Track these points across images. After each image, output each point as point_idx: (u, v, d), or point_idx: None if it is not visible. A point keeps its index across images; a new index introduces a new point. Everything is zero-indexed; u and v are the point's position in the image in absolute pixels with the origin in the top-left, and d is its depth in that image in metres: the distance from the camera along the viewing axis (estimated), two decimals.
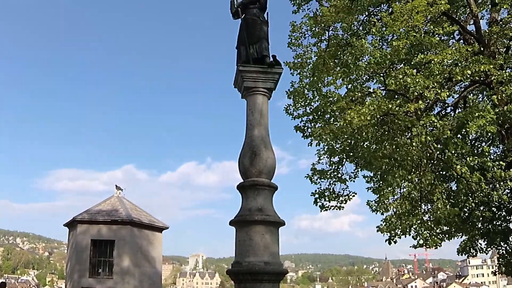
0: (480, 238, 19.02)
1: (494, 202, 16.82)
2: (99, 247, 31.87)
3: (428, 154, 15.49)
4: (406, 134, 15.66)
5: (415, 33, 15.01)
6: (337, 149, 17.93)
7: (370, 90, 17.01)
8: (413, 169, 15.90)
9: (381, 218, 17.15)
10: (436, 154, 15.54)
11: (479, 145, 19.12)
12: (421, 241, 16.93)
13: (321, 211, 18.42)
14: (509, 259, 18.66)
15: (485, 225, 18.49)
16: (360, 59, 16.29)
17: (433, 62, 14.91)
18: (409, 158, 15.16)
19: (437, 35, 16.77)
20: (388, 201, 16.98)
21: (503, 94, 15.39)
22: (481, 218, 17.75)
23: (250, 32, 11.03)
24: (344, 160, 18.23)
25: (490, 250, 19.83)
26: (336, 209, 18.32)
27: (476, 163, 15.28)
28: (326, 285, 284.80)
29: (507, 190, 16.50)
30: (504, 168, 15.25)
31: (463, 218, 17.49)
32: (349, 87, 17.31)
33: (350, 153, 17.79)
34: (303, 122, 18.52)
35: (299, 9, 19.60)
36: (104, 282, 31.51)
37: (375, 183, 18.36)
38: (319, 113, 17.84)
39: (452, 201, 17.22)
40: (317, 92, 18.07)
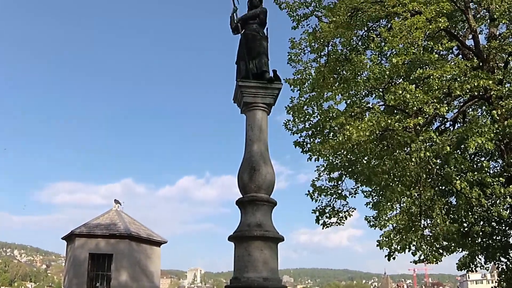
0: (480, 253, 18.97)
1: (493, 217, 16.80)
2: (97, 261, 31.65)
3: (428, 170, 15.48)
4: (405, 149, 15.66)
5: (414, 49, 15.04)
6: (336, 164, 17.94)
7: (369, 105, 17.04)
8: (413, 185, 15.89)
9: (380, 233, 17.15)
10: (435, 169, 15.53)
11: (479, 160, 19.12)
12: (421, 257, 16.89)
13: (322, 228, 18.43)
14: (509, 274, 18.60)
15: (484, 240, 18.45)
16: (359, 74, 16.32)
17: (432, 77, 14.93)
18: (408, 173, 15.15)
19: (436, 51, 16.79)
20: (387, 216, 16.96)
21: (503, 109, 15.39)
22: (481, 233, 17.71)
23: (249, 47, 11.04)
24: (344, 176, 18.24)
25: (489, 265, 19.78)
26: (337, 225, 18.32)
27: (475, 179, 15.27)
28: None
29: (507, 205, 16.46)
30: (503, 183, 15.25)
31: (463, 233, 17.47)
32: (348, 102, 17.35)
33: (350, 169, 17.80)
34: (302, 137, 18.57)
35: (299, 25, 19.67)
36: None
37: (373, 198, 18.35)
38: (318, 128, 17.87)
39: (451, 216, 17.20)
40: (317, 108, 18.11)
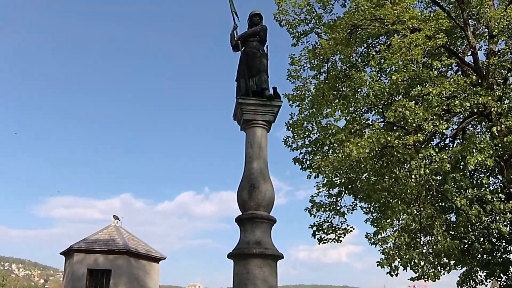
0: (480, 270, 18.91)
1: (494, 233, 16.76)
2: (96, 277, 31.60)
3: (427, 187, 15.48)
4: (405, 166, 15.67)
5: (413, 66, 15.09)
6: (336, 181, 17.94)
7: (368, 122, 17.07)
8: (412, 202, 15.88)
9: (380, 250, 17.10)
10: (435, 186, 15.53)
11: (478, 177, 19.12)
12: (420, 274, 16.84)
13: (319, 243, 18.39)
14: None
15: (485, 257, 18.40)
16: (359, 91, 16.37)
17: (431, 94, 14.97)
18: (408, 190, 15.15)
19: (435, 68, 16.84)
20: (387, 233, 16.94)
21: (502, 125, 15.41)
22: (481, 249, 17.67)
23: (249, 65, 11.05)
24: (343, 193, 18.24)
25: (490, 281, 19.70)
26: (335, 242, 18.29)
27: (475, 195, 15.26)
28: None
29: (507, 221, 16.44)
30: (503, 199, 15.24)
31: (463, 250, 17.43)
32: (348, 119, 17.38)
33: (349, 186, 17.80)
34: (302, 154, 18.60)
35: (298, 42, 19.78)
36: None
37: (373, 214, 18.34)
38: (318, 145, 17.90)
39: (451, 233, 17.18)
40: (316, 124, 18.15)
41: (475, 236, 17.28)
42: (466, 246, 17.63)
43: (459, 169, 16.71)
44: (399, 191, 15.54)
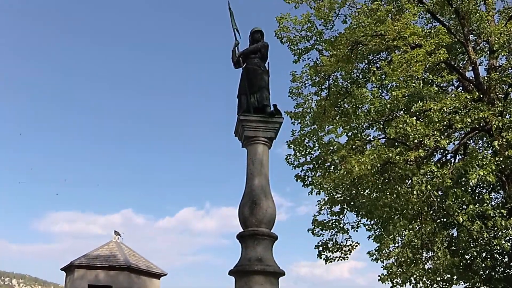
0: (482, 286, 18.79)
1: (495, 249, 16.69)
2: None
3: (429, 203, 15.45)
4: (407, 182, 15.65)
5: (414, 82, 15.13)
6: (337, 198, 17.92)
7: (370, 138, 17.10)
8: (414, 218, 15.84)
9: (382, 266, 17.04)
10: (436, 202, 15.51)
11: (480, 192, 19.07)
12: None
13: (326, 263, 18.34)
14: None
15: (487, 273, 18.29)
16: (360, 107, 16.40)
17: (432, 109, 14.98)
18: (410, 207, 15.12)
19: (436, 84, 16.87)
20: (389, 249, 16.88)
21: (504, 140, 15.40)
22: (483, 265, 17.59)
23: (251, 81, 11.07)
24: (345, 210, 18.22)
25: None
26: (341, 259, 18.27)
27: (477, 211, 15.23)
28: None
29: (509, 237, 16.38)
30: (505, 215, 15.19)
31: (465, 266, 17.35)
32: (349, 135, 17.39)
33: (351, 202, 17.78)
34: (304, 171, 18.59)
35: (300, 58, 19.86)
36: None
37: (375, 231, 18.29)
38: (319, 162, 17.91)
39: (453, 248, 17.11)
40: (318, 141, 18.17)
41: (477, 252, 17.21)
42: (468, 262, 17.56)
43: (460, 185, 16.68)
44: (401, 207, 15.49)
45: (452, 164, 17.47)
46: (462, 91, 17.63)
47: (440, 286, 17.20)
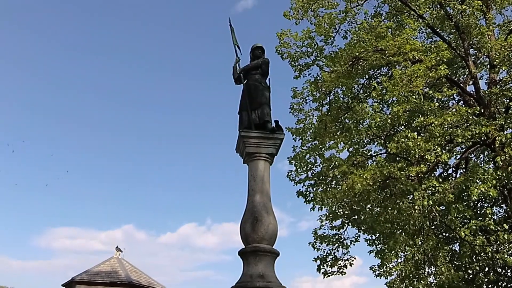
0: None
1: (498, 264, 16.62)
2: None
3: (431, 218, 15.41)
4: (408, 197, 15.62)
5: (415, 97, 15.14)
6: (339, 213, 17.88)
7: (371, 153, 17.09)
8: (416, 233, 15.80)
9: (385, 281, 16.98)
10: (438, 217, 15.47)
11: (482, 207, 19.02)
12: None
13: (324, 277, 18.26)
14: None
15: (490, 287, 18.20)
16: (361, 122, 16.43)
17: (433, 124, 14.98)
18: (412, 222, 15.08)
19: (437, 99, 16.88)
20: (391, 264, 16.82)
21: (506, 155, 15.37)
22: (486, 280, 17.50)
23: (252, 97, 11.06)
24: (346, 225, 18.17)
25: None
26: (338, 274, 18.16)
27: (479, 226, 15.18)
28: None
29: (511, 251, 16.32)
30: (507, 229, 15.15)
31: (468, 281, 17.25)
32: (351, 150, 17.39)
33: (352, 217, 17.74)
34: (305, 187, 18.58)
35: (300, 74, 19.94)
36: None
37: (377, 246, 18.23)
38: (321, 177, 17.88)
39: (456, 263, 17.03)
40: (319, 157, 18.17)
41: (479, 267, 17.13)
42: (470, 276, 17.46)
43: (462, 200, 16.65)
44: (403, 222, 15.46)
45: (453, 179, 17.44)
46: (463, 106, 17.63)
47: None
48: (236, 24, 11.98)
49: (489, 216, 15.84)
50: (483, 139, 16.39)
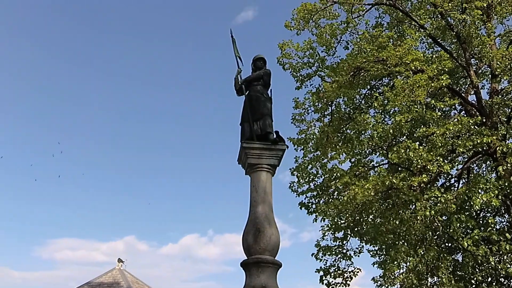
0: None
1: (501, 274, 16.57)
2: None
3: (433, 228, 15.38)
4: (410, 208, 15.60)
5: (417, 107, 15.16)
6: (341, 224, 17.85)
7: (373, 163, 17.09)
8: (418, 243, 15.76)
9: None
10: (441, 227, 15.45)
11: (484, 216, 18.98)
12: None
13: None
14: None
15: None
16: (363, 133, 16.43)
17: (435, 134, 14.99)
18: (414, 232, 15.05)
19: (439, 109, 16.88)
20: (394, 275, 16.77)
21: (508, 165, 15.35)
22: None
23: (253, 109, 11.07)
24: (349, 236, 18.14)
25: None
26: (342, 286, 18.10)
27: (481, 236, 15.15)
28: None
29: None
30: (510, 239, 15.11)
31: None
32: (353, 161, 17.38)
33: (355, 228, 17.71)
34: (308, 198, 18.55)
35: (302, 85, 19.97)
36: None
37: (380, 257, 18.20)
38: (323, 188, 17.88)
39: (458, 273, 16.98)
40: (321, 167, 18.16)
41: (482, 277, 17.07)
42: (473, 287, 17.40)
43: (464, 210, 16.63)
44: (405, 232, 15.44)
45: (455, 189, 17.42)
46: (465, 115, 17.65)
47: None
48: (237, 35, 12.00)
49: (492, 226, 15.81)
50: (485, 149, 16.38)
